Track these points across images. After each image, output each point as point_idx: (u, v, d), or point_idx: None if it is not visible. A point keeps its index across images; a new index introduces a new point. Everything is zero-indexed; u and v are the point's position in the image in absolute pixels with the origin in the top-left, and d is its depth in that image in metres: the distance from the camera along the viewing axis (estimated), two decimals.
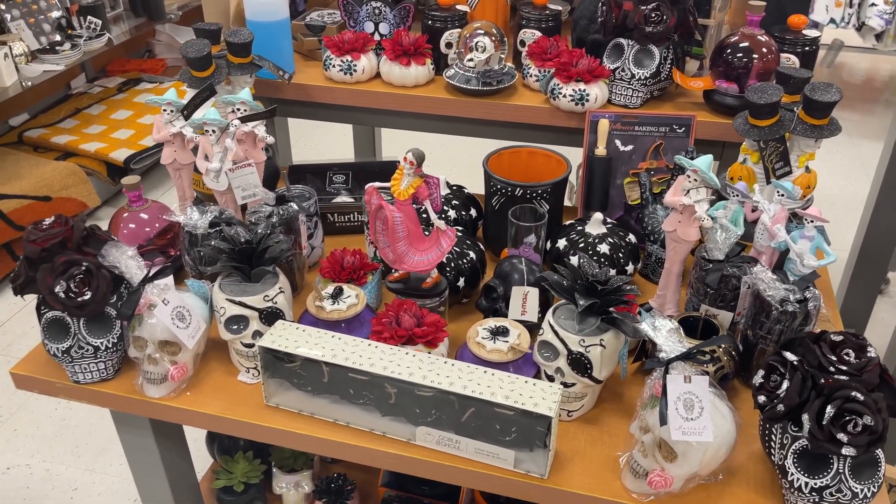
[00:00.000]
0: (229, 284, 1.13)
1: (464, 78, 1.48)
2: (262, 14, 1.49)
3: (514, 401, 0.94)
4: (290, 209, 1.26)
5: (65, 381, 1.14)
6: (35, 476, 1.86)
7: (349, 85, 1.54)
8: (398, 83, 1.52)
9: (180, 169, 1.35)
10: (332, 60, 1.53)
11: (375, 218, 1.12)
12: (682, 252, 1.19)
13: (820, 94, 1.16)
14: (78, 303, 1.05)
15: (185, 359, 1.11)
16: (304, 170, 1.59)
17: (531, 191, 1.32)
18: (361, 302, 1.15)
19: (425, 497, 1.49)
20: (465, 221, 1.40)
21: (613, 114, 1.41)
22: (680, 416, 0.90)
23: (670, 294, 1.24)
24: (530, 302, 1.16)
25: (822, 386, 0.86)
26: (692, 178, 1.12)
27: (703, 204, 1.12)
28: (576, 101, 1.40)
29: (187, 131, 1.29)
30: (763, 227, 1.16)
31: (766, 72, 1.35)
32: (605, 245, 1.27)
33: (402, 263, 1.13)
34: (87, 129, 3.17)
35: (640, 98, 1.43)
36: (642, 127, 1.41)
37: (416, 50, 1.50)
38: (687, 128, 1.40)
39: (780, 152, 1.21)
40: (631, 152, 1.43)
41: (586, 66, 1.40)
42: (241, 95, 1.31)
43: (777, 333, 1.06)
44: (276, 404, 1.10)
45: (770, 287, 1.05)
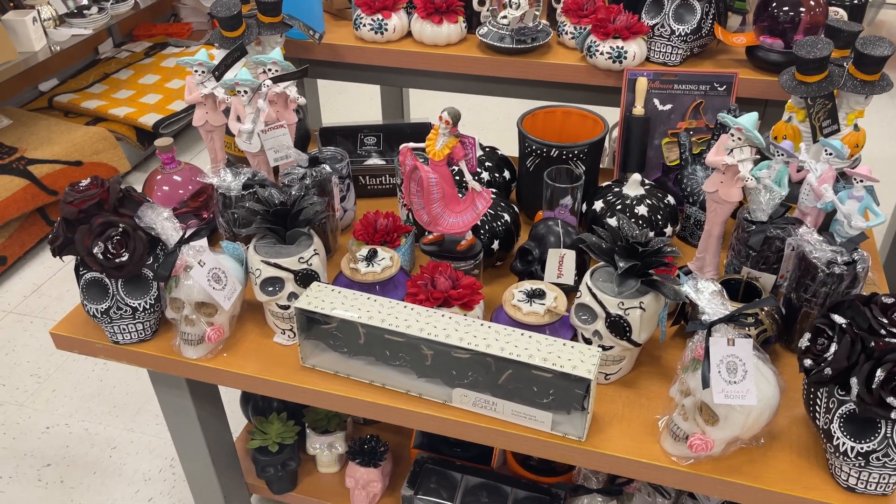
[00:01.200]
0: (264, 246, 1.12)
1: (497, 36, 1.44)
2: None
3: (553, 363, 0.93)
4: (323, 171, 1.24)
5: (104, 341, 1.15)
6: (74, 435, 1.90)
7: (380, 44, 1.51)
8: (430, 42, 1.49)
9: (212, 131, 1.34)
10: (363, 19, 1.50)
11: (410, 179, 1.10)
12: (723, 213, 1.16)
13: (872, 47, 1.11)
14: (115, 264, 1.05)
15: (222, 320, 1.11)
16: (334, 132, 1.57)
17: (567, 151, 1.29)
18: (396, 264, 1.14)
19: (458, 459, 1.50)
20: (498, 183, 1.38)
21: (652, 72, 1.37)
22: (723, 380, 0.88)
23: (710, 257, 1.21)
24: (567, 264, 1.15)
25: (871, 349, 0.84)
26: (736, 137, 1.08)
27: (746, 164, 1.09)
28: (613, 58, 1.36)
29: (219, 92, 1.28)
30: (809, 188, 1.12)
31: (813, 26, 1.30)
32: (643, 207, 1.24)
33: (437, 225, 1.12)
34: (116, 94, 3.18)
35: (679, 55, 1.39)
36: (682, 85, 1.37)
37: (448, 7, 1.47)
38: (728, 86, 1.36)
39: (828, 110, 1.16)
40: (670, 112, 1.39)
41: (624, 22, 1.35)
42: (272, 55, 1.29)
43: (823, 296, 1.03)
44: (312, 366, 1.11)
45: (816, 249, 1.02)
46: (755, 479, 0.92)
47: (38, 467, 1.83)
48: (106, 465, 1.83)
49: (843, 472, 0.90)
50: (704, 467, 0.94)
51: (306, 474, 1.56)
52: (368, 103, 3.40)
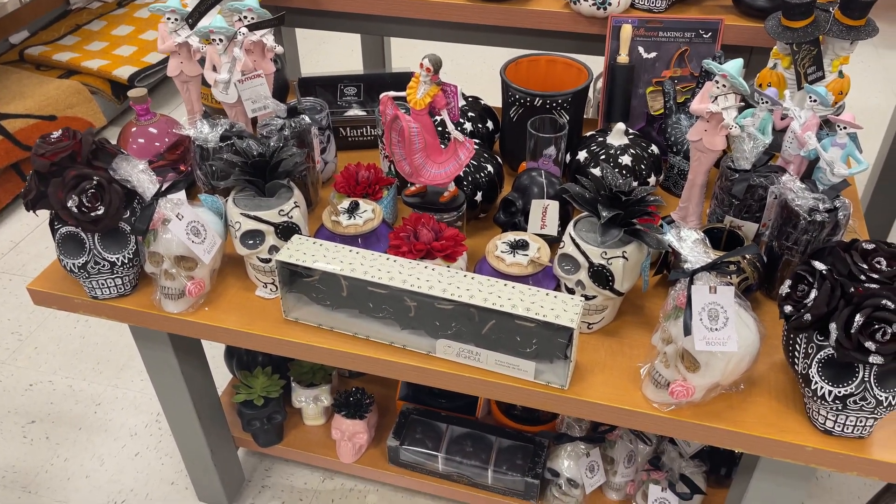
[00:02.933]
0: (243, 199, 1.11)
1: None
2: None
3: (536, 313, 0.94)
4: (303, 122, 1.22)
5: (83, 296, 1.14)
6: (58, 392, 1.90)
7: None
8: None
9: (188, 81, 1.30)
10: None
11: (391, 129, 1.08)
12: (706, 162, 1.15)
13: None
14: (91, 217, 1.03)
15: (202, 274, 1.10)
16: (313, 82, 1.54)
17: (550, 100, 1.27)
18: (378, 216, 1.13)
19: (443, 410, 1.51)
20: (481, 134, 1.36)
21: (637, 19, 1.34)
22: (704, 327, 0.89)
23: (693, 206, 1.21)
24: (550, 215, 1.14)
25: (851, 295, 0.85)
26: (720, 84, 1.07)
27: (731, 111, 1.08)
28: (598, 5, 1.34)
29: (193, 41, 1.25)
30: (792, 135, 1.12)
31: None
32: (626, 157, 1.23)
33: (419, 176, 1.10)
34: (89, 46, 3.09)
35: (665, 2, 1.36)
36: (667, 32, 1.35)
37: None
38: (714, 32, 1.33)
39: (813, 56, 1.15)
40: (654, 60, 1.37)
41: None
42: (247, 2, 1.25)
43: (804, 244, 1.03)
44: (294, 318, 1.10)
45: (798, 196, 1.02)
46: (734, 423, 0.94)
47: (22, 424, 1.83)
48: (91, 421, 1.83)
49: (820, 416, 0.91)
50: (685, 413, 0.95)
51: (292, 427, 1.58)
52: (349, 54, 3.33)
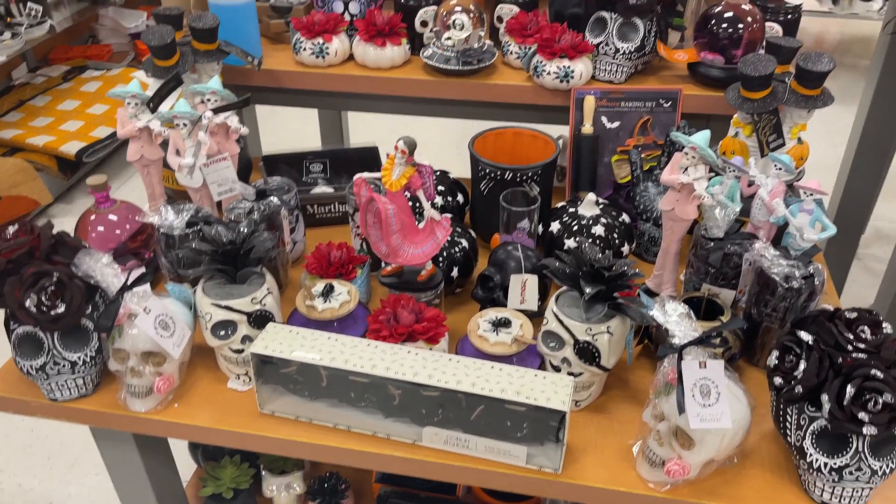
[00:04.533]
0: (213, 287, 1.06)
1: (443, 58, 1.42)
2: None
3: (526, 396, 0.91)
4: (272, 204, 1.19)
5: (40, 399, 1.07)
6: (6, 492, 1.77)
7: (322, 69, 1.47)
8: (373, 65, 1.46)
9: (149, 165, 1.27)
10: (303, 44, 1.45)
11: (366, 211, 1.07)
12: (679, 231, 1.16)
13: (813, 63, 1.14)
14: (51, 316, 0.98)
15: (171, 369, 1.05)
16: (278, 160, 1.52)
17: (521, 174, 1.28)
18: (354, 298, 1.10)
19: (421, 491, 1.46)
20: (451, 208, 1.36)
21: (599, 90, 1.37)
22: (697, 404, 0.88)
23: (668, 273, 1.21)
24: (529, 290, 1.13)
25: (840, 365, 0.85)
26: (690, 156, 1.09)
27: (701, 182, 1.09)
28: (560, 78, 1.36)
29: (154, 125, 1.22)
30: (761, 202, 1.14)
31: (752, 42, 1.32)
32: (599, 227, 1.24)
33: (397, 257, 1.08)
34: (34, 122, 3.01)
35: (624, 73, 1.39)
36: (628, 102, 1.38)
37: (390, 30, 1.44)
38: (674, 102, 1.37)
39: (773, 124, 1.18)
40: (618, 129, 1.40)
41: (570, 41, 1.35)
42: (211, 85, 1.24)
43: (783, 311, 1.04)
44: (270, 412, 1.05)
45: (774, 264, 1.04)
46: (733, 499, 0.92)
47: None
48: None
49: (816, 488, 0.90)
50: (683, 492, 0.93)
51: None
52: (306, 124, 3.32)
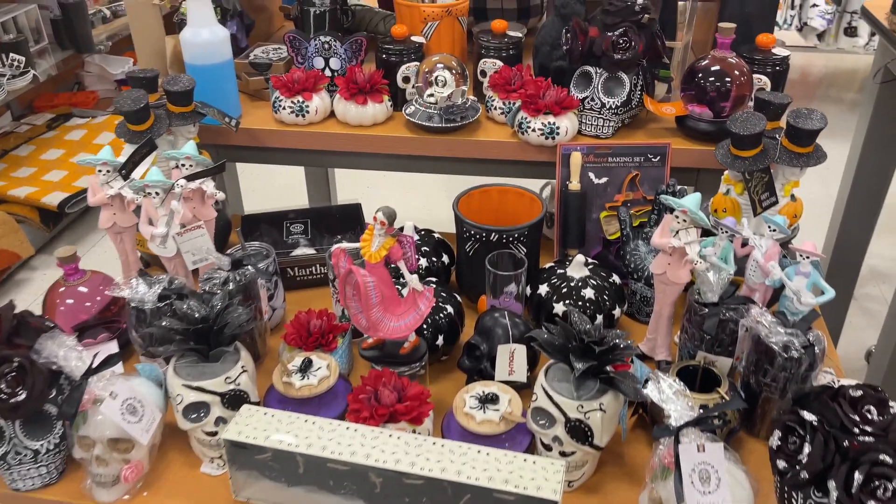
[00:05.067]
0: (185, 367, 1.01)
1: (425, 115, 1.39)
2: (202, 56, 1.37)
3: (515, 485, 0.86)
4: (248, 273, 1.14)
5: (3, 488, 1.00)
6: None
7: (302, 127, 1.43)
8: (355, 122, 1.42)
9: (122, 233, 1.22)
10: (282, 102, 1.42)
11: (345, 283, 1.02)
12: (672, 294, 1.12)
13: (804, 121, 1.11)
14: (11, 404, 0.92)
15: (140, 455, 0.99)
16: (258, 220, 1.47)
17: (507, 235, 1.23)
18: (334, 373, 1.05)
19: None
20: (437, 269, 1.31)
21: (585, 146, 1.34)
22: (697, 491, 0.83)
23: (661, 337, 1.17)
24: (517, 360, 1.08)
25: (846, 449, 0.80)
26: (681, 219, 1.05)
27: (693, 246, 1.06)
28: (545, 135, 1.33)
29: (127, 192, 1.17)
30: (755, 264, 1.10)
31: (740, 96, 1.30)
32: (589, 289, 1.19)
33: (377, 331, 1.03)
34: (16, 173, 2.97)
35: (611, 127, 1.36)
36: (616, 158, 1.34)
37: (372, 87, 1.41)
38: (662, 156, 1.34)
39: (765, 182, 1.15)
40: (606, 185, 1.36)
41: (554, 97, 1.32)
42: (185, 150, 1.20)
43: (783, 381, 1.00)
44: (246, 498, 0.99)
45: (771, 332, 0.99)
46: None
47: None
48: None
49: None
50: None
51: None
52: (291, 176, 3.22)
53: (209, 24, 1.36)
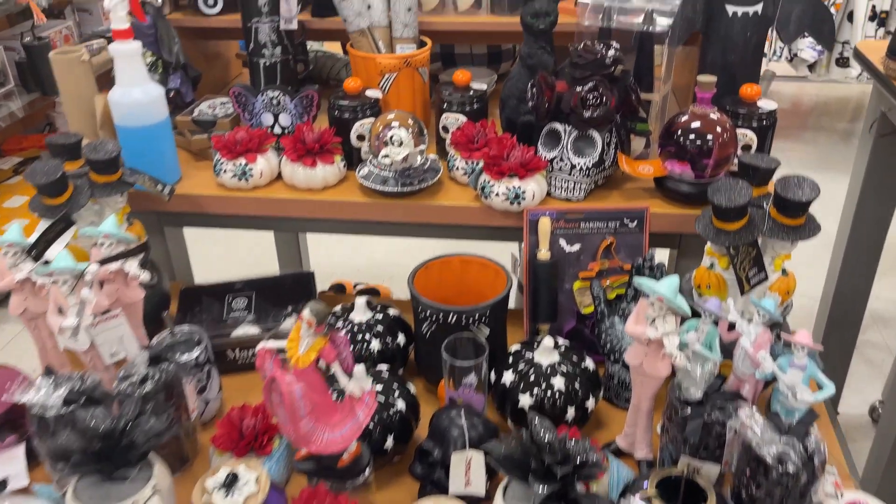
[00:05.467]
0: (87, 488, 0.87)
1: (379, 178, 1.26)
2: (134, 118, 1.25)
3: None
4: (169, 371, 1.01)
5: None
6: None
7: (245, 191, 1.31)
8: (304, 186, 1.30)
9: (36, 319, 1.09)
10: (224, 165, 1.29)
11: (270, 390, 0.89)
12: (651, 387, 0.99)
13: (793, 191, 0.98)
14: None
15: None
16: (198, 293, 1.34)
17: (467, 316, 1.10)
18: (263, 489, 0.91)
19: None
20: (391, 351, 1.18)
21: (555, 210, 1.21)
22: None
23: (641, 432, 1.03)
24: (475, 470, 0.94)
25: None
26: (656, 306, 0.92)
27: (673, 338, 0.93)
28: (510, 199, 1.20)
29: (37, 276, 1.04)
30: (744, 353, 0.97)
31: (723, 157, 1.18)
32: (559, 377, 1.06)
33: (309, 444, 0.90)
34: None
35: (583, 190, 1.24)
36: (589, 223, 1.22)
37: (321, 147, 1.28)
38: (640, 221, 1.21)
39: (752, 257, 1.02)
40: (579, 252, 1.24)
41: (519, 158, 1.20)
42: (104, 227, 1.07)
43: (779, 497, 0.86)
44: None
45: (764, 441, 0.86)
46: None
47: None
48: None
49: None
50: None
51: None
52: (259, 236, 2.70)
53: (140, 83, 1.24)
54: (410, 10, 1.40)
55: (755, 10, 1.25)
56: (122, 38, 1.20)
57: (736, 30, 1.26)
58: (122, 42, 1.20)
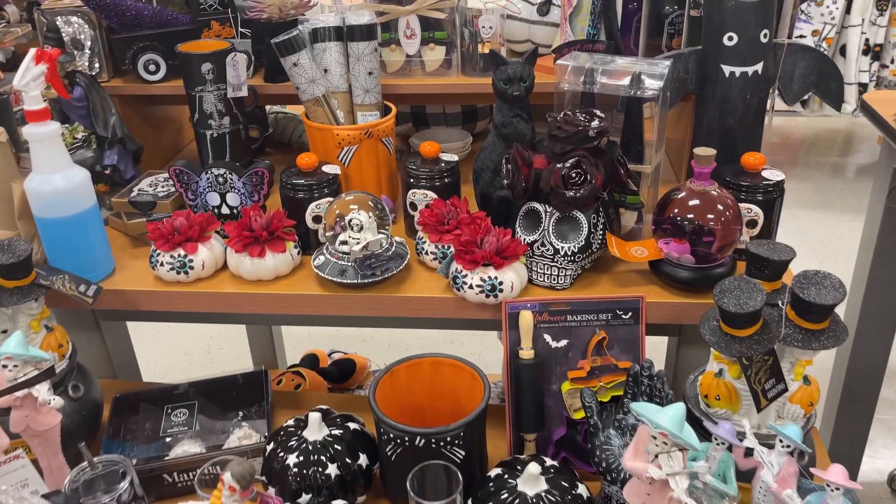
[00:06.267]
0: None
1: (337, 268, 1.11)
2: (54, 207, 1.09)
3: None
4: None
5: None
6: None
7: (186, 285, 1.15)
8: (251, 277, 1.14)
9: None
10: (161, 257, 1.14)
11: None
12: None
13: (815, 292, 0.83)
14: None
15: None
16: (135, 399, 1.18)
17: (437, 439, 0.94)
18: None
19: None
20: (352, 474, 1.01)
21: (537, 302, 1.06)
22: None
23: None
24: None
25: None
26: (660, 441, 0.77)
27: (682, 479, 0.77)
28: (486, 292, 1.05)
29: None
30: (765, 488, 0.81)
31: (728, 239, 1.03)
32: None
33: None
34: None
35: (568, 277, 1.09)
36: (577, 316, 1.07)
37: (271, 234, 1.13)
38: (635, 312, 1.06)
39: (769, 366, 0.87)
40: (566, 349, 1.08)
41: (495, 245, 1.05)
42: (5, 347, 0.91)
43: None
44: None
45: None
46: None
47: None
48: None
49: None
50: None
51: None
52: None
53: (61, 168, 1.09)
54: (372, 73, 1.26)
55: (755, 69, 1.12)
56: (37, 120, 1.05)
57: (734, 92, 1.13)
58: (37, 125, 1.05)
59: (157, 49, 1.38)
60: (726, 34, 1.10)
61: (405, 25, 1.33)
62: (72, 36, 1.39)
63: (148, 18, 1.38)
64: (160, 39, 1.38)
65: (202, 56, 1.26)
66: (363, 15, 1.25)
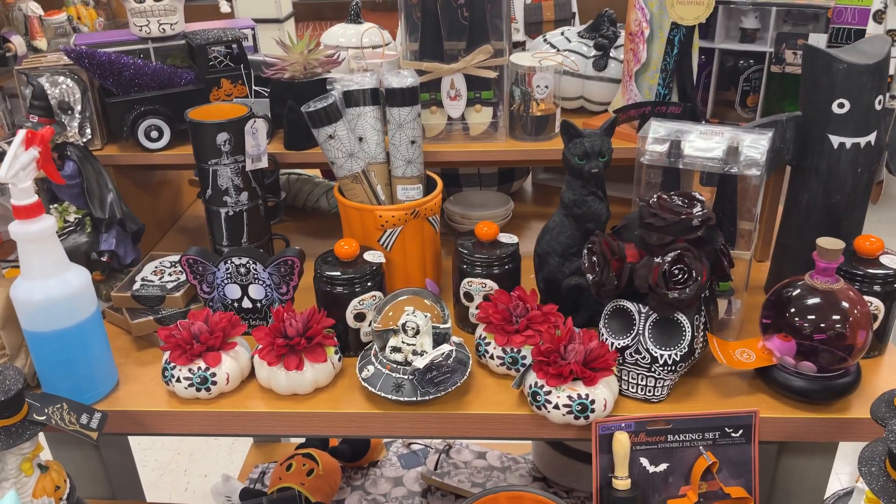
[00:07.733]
0: None
1: (391, 382, 0.93)
2: (48, 320, 0.90)
3: None
4: None
5: None
6: None
7: (206, 403, 0.96)
8: (286, 392, 0.96)
9: None
10: (176, 372, 0.95)
11: None
12: None
13: None
14: None
15: None
16: None
17: None
18: None
19: None
20: None
21: (632, 421, 0.90)
22: None
23: None
24: None
25: None
26: None
27: None
28: (575, 413, 0.88)
29: None
30: None
31: (860, 344, 0.88)
32: None
33: None
34: None
35: (666, 387, 0.93)
36: (677, 435, 0.91)
37: (308, 341, 0.95)
38: (746, 430, 0.91)
39: None
40: (666, 474, 0.92)
41: (582, 355, 0.88)
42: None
43: None
44: None
45: None
46: None
47: None
48: None
49: None
50: None
51: None
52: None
53: (57, 272, 0.90)
54: (415, 142, 1.10)
55: (868, 140, 0.97)
56: (28, 217, 0.87)
57: (844, 165, 0.98)
58: (26, 222, 0.87)
59: (159, 113, 1.20)
60: (836, 101, 0.96)
61: (449, 86, 1.17)
62: (59, 98, 1.20)
63: (149, 77, 1.19)
64: (163, 102, 1.20)
65: (217, 125, 1.08)
66: (404, 76, 1.08)
